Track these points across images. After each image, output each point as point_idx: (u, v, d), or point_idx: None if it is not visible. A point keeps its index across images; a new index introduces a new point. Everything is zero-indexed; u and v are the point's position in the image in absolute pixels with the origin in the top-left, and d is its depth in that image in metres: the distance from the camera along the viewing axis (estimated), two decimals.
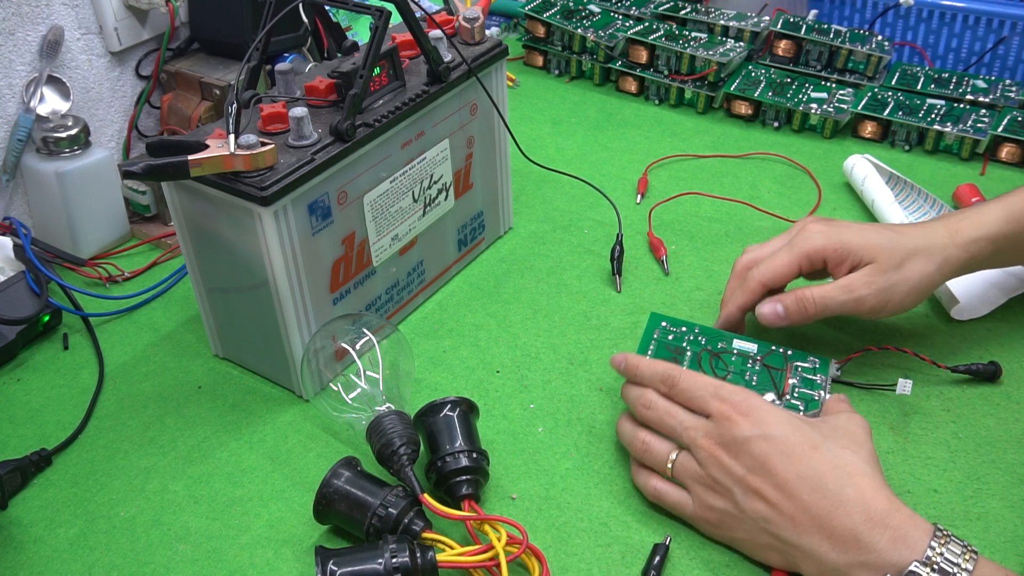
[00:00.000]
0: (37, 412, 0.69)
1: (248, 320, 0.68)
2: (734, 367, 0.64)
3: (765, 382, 0.63)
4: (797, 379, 0.63)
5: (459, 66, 0.73)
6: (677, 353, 0.64)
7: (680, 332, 0.66)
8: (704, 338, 0.66)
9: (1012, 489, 0.59)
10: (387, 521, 0.55)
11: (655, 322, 0.67)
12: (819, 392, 0.62)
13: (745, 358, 0.64)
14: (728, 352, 0.65)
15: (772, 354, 0.64)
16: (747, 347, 0.65)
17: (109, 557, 0.58)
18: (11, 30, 0.80)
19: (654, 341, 0.66)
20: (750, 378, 0.63)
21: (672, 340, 0.65)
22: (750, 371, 0.64)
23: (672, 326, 0.67)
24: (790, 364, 0.64)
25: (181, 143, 0.61)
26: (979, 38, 1.07)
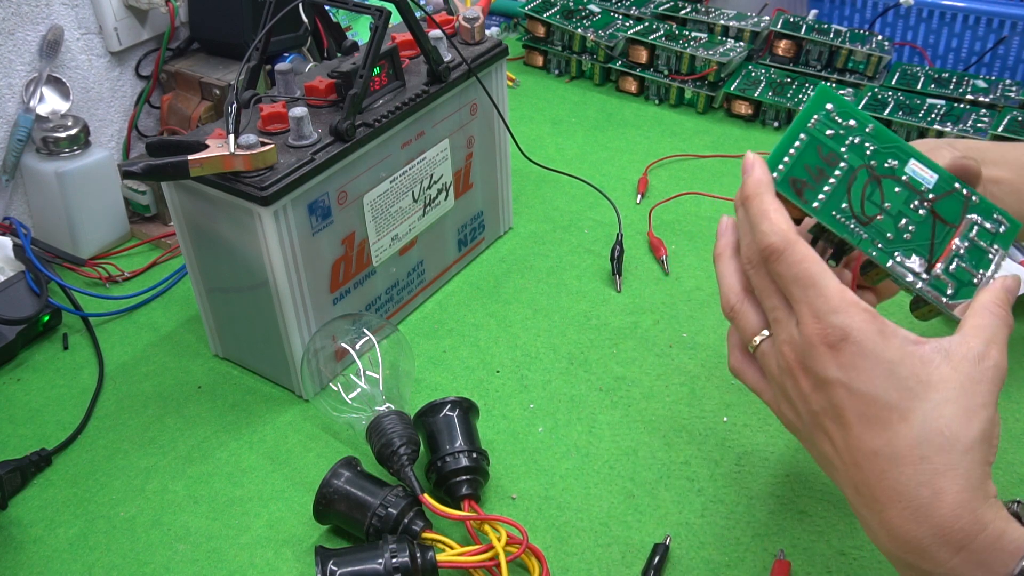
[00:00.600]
0: (37, 412, 0.69)
1: (248, 320, 0.68)
2: (891, 204, 0.47)
3: (923, 236, 0.47)
4: (966, 243, 0.48)
5: (459, 66, 0.73)
6: (828, 162, 0.47)
7: (846, 129, 0.48)
8: (872, 146, 0.48)
9: (1012, 489, 0.59)
10: (387, 521, 0.55)
11: (819, 103, 0.48)
12: (982, 273, 0.47)
13: (912, 194, 0.47)
14: (894, 178, 0.48)
15: (950, 196, 0.48)
16: (923, 176, 0.48)
17: (109, 557, 0.58)
18: (11, 30, 0.80)
19: (805, 134, 0.47)
20: (906, 225, 0.47)
21: (830, 139, 0.47)
22: (910, 216, 0.47)
23: (839, 116, 0.48)
24: (967, 218, 0.48)
25: (181, 143, 0.61)
26: (979, 38, 1.07)
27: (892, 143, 0.48)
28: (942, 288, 0.47)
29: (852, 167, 0.47)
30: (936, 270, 0.47)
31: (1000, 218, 0.48)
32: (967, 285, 0.47)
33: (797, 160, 0.47)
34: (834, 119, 0.48)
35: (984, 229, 0.48)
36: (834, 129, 0.48)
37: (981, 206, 0.48)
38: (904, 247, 0.47)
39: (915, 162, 0.48)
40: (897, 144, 0.48)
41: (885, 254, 0.46)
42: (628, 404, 0.67)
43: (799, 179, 0.46)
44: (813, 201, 0.46)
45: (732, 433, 0.64)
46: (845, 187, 0.47)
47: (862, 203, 0.47)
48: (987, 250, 0.48)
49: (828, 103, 0.48)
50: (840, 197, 0.47)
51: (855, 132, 0.48)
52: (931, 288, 0.47)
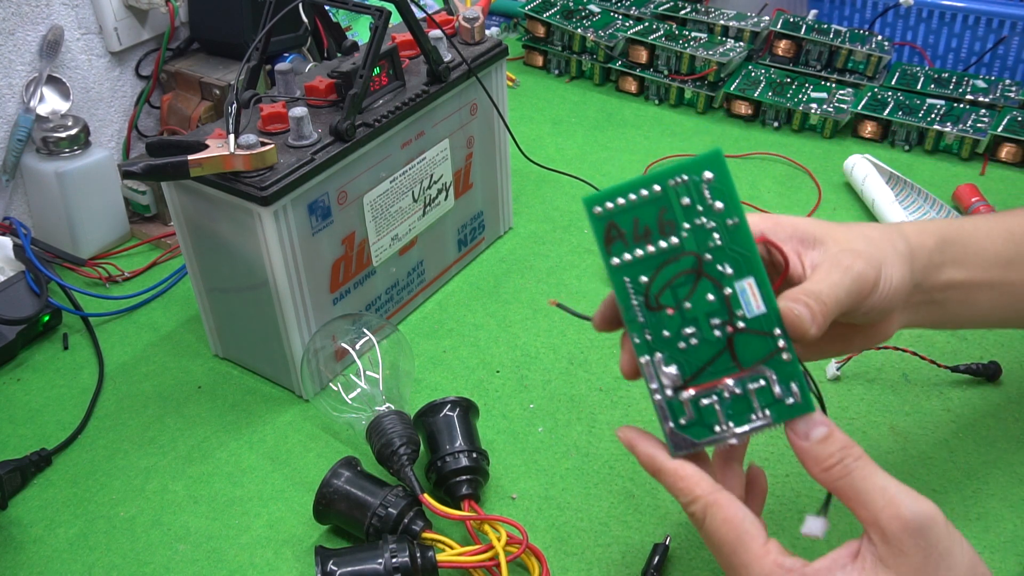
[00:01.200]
0: (37, 412, 0.69)
1: (248, 320, 0.68)
2: (692, 307, 0.42)
3: (699, 355, 0.42)
4: (739, 390, 0.42)
5: (459, 66, 0.73)
6: (661, 229, 0.41)
7: (705, 207, 0.41)
8: (720, 242, 0.41)
9: (1012, 489, 0.59)
10: (387, 521, 0.55)
11: (701, 165, 0.41)
12: (729, 427, 0.42)
13: (722, 311, 0.41)
14: (716, 285, 0.42)
15: (761, 337, 0.41)
16: (749, 302, 0.41)
17: (109, 557, 0.58)
18: (11, 30, 0.80)
19: (660, 187, 0.41)
20: (690, 336, 0.42)
21: (682, 208, 0.41)
22: (702, 330, 0.42)
23: (709, 190, 0.41)
24: (761, 369, 0.42)
25: (181, 143, 0.61)
26: (979, 38, 1.07)
27: (745, 250, 0.41)
28: (675, 413, 0.42)
29: (682, 249, 0.41)
30: (684, 394, 0.42)
31: (797, 392, 0.41)
32: (702, 428, 0.42)
33: (632, 209, 0.41)
34: (702, 190, 0.41)
35: (769, 391, 0.41)
36: (693, 200, 0.41)
37: (787, 367, 0.41)
38: (672, 353, 0.42)
39: (752, 284, 0.41)
40: (749, 254, 0.41)
41: (647, 347, 0.42)
42: (628, 404, 0.67)
43: (619, 228, 0.42)
44: (615, 256, 0.42)
45: None
46: (657, 264, 0.42)
47: (663, 288, 0.42)
48: (755, 410, 0.42)
49: (709, 171, 0.41)
50: (646, 270, 0.42)
51: (713, 216, 0.41)
52: (665, 406, 0.42)
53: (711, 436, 0.42)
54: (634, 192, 0.41)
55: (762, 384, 0.41)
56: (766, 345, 0.41)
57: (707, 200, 0.41)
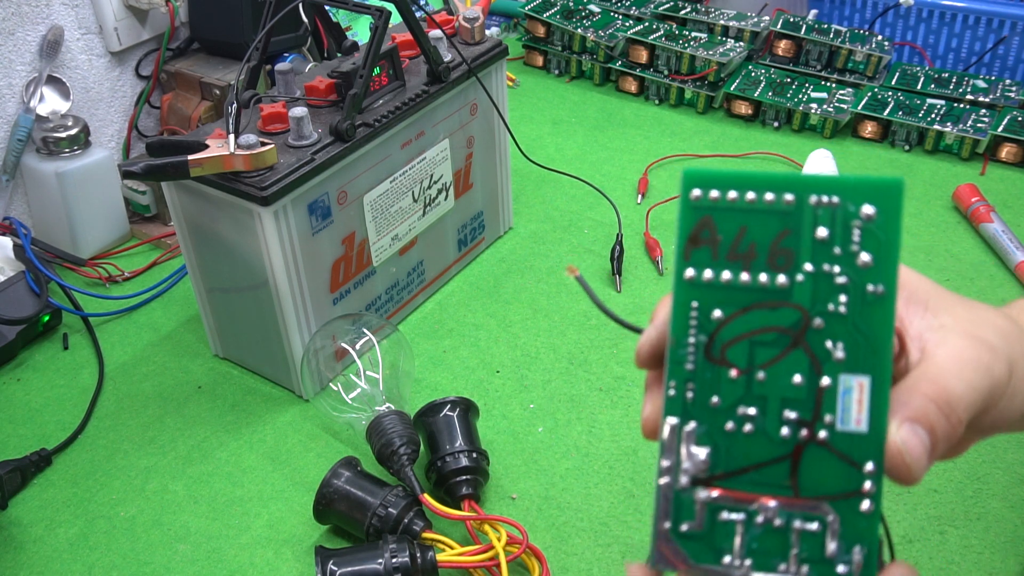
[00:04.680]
0: (37, 412, 0.69)
1: (248, 320, 0.68)
2: (766, 380, 0.29)
3: (752, 448, 0.29)
4: (789, 522, 0.29)
5: (459, 66, 0.73)
6: (773, 258, 0.29)
7: (846, 253, 0.29)
8: (843, 306, 0.29)
9: (1012, 489, 0.59)
10: (387, 521, 0.55)
11: (881, 192, 0.29)
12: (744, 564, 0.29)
13: (804, 404, 0.29)
14: (816, 367, 0.29)
15: (846, 466, 0.29)
16: (847, 410, 0.29)
17: (109, 557, 0.58)
18: (11, 30, 0.80)
19: (794, 197, 0.29)
20: (743, 418, 0.29)
21: (803, 243, 0.29)
22: (766, 418, 0.29)
23: (877, 228, 0.29)
24: (823, 509, 0.29)
25: (181, 143, 0.61)
26: (979, 38, 1.07)
27: (875, 338, 0.29)
28: (680, 512, 0.30)
29: (788, 296, 0.29)
30: (703, 493, 0.29)
31: (858, 564, 0.28)
32: (706, 548, 0.29)
33: (744, 212, 0.30)
34: (851, 228, 0.29)
35: (821, 542, 0.29)
36: (834, 237, 0.29)
37: (860, 521, 0.28)
38: (711, 430, 0.30)
39: (864, 387, 0.29)
40: (879, 345, 0.29)
41: (681, 408, 0.30)
42: (628, 404, 0.67)
43: (714, 230, 0.30)
44: (692, 267, 0.30)
45: None
46: (746, 303, 0.29)
47: (738, 338, 0.30)
48: (788, 560, 0.29)
49: (873, 205, 0.29)
50: (726, 303, 0.30)
51: (852, 271, 0.29)
52: (670, 497, 0.30)
53: (712, 566, 0.29)
54: (756, 189, 0.29)
55: (815, 528, 0.29)
56: (846, 478, 0.28)
57: (853, 245, 0.29)
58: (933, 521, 0.57)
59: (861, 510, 0.28)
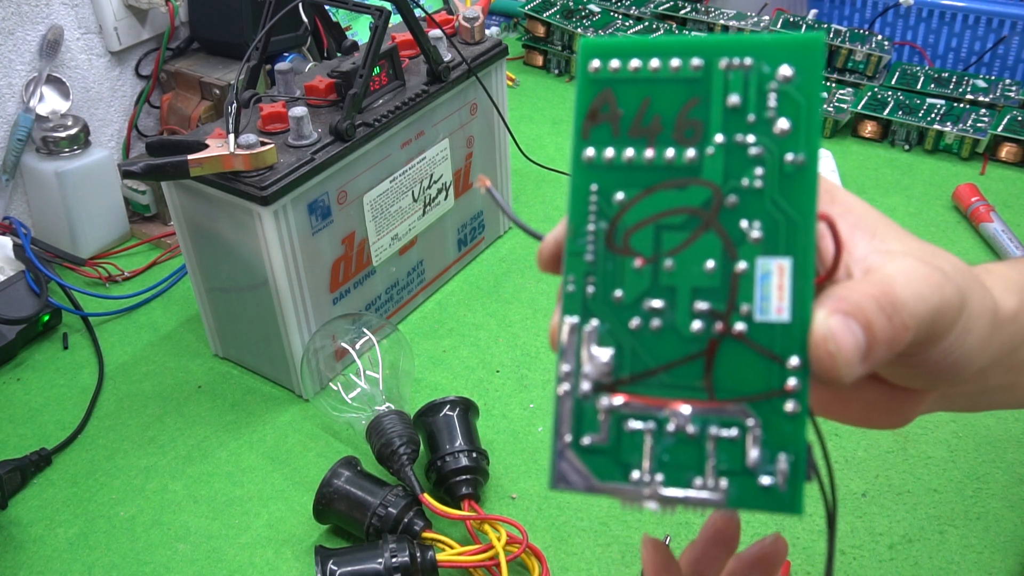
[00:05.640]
0: (37, 412, 0.69)
1: (248, 320, 0.68)
2: (675, 269, 0.26)
3: (665, 348, 0.26)
4: (713, 429, 0.26)
5: (459, 66, 0.73)
6: (680, 127, 0.26)
7: (758, 104, 0.26)
8: (760, 175, 0.26)
9: (1012, 488, 0.59)
10: (387, 521, 0.55)
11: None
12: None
13: (717, 293, 0.26)
14: (729, 248, 0.26)
15: (760, 357, 0.25)
16: (767, 298, 0.25)
17: (109, 557, 0.58)
18: (11, 30, 0.79)
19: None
20: (652, 311, 0.26)
21: (698, 100, 0.26)
22: (677, 311, 0.26)
23: (781, 73, 0.26)
24: (748, 417, 0.25)
25: (181, 143, 0.61)
26: (979, 38, 1.07)
27: (797, 212, 0.25)
28: (581, 423, 0.26)
29: (697, 172, 0.26)
30: (607, 400, 0.26)
31: (784, 473, 0.25)
32: (612, 463, 0.26)
33: (647, 83, 0.27)
34: (766, 92, 0.26)
35: (741, 450, 0.25)
36: (747, 103, 0.26)
37: (785, 424, 0.25)
38: (614, 328, 0.26)
39: (785, 269, 0.25)
40: (802, 219, 0.25)
41: (581, 304, 0.27)
42: None
43: (614, 104, 0.27)
44: (591, 146, 0.27)
45: None
46: (650, 182, 0.26)
47: (642, 223, 0.26)
48: (704, 472, 0.25)
49: (791, 64, 0.26)
50: (628, 184, 0.27)
51: (768, 139, 0.26)
52: (570, 406, 0.26)
53: (618, 483, 0.26)
54: (660, 56, 0.26)
55: (734, 435, 0.25)
56: (767, 375, 0.25)
57: (769, 111, 0.26)
58: (933, 521, 0.57)
59: (785, 411, 0.25)
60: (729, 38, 0.26)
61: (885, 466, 0.61)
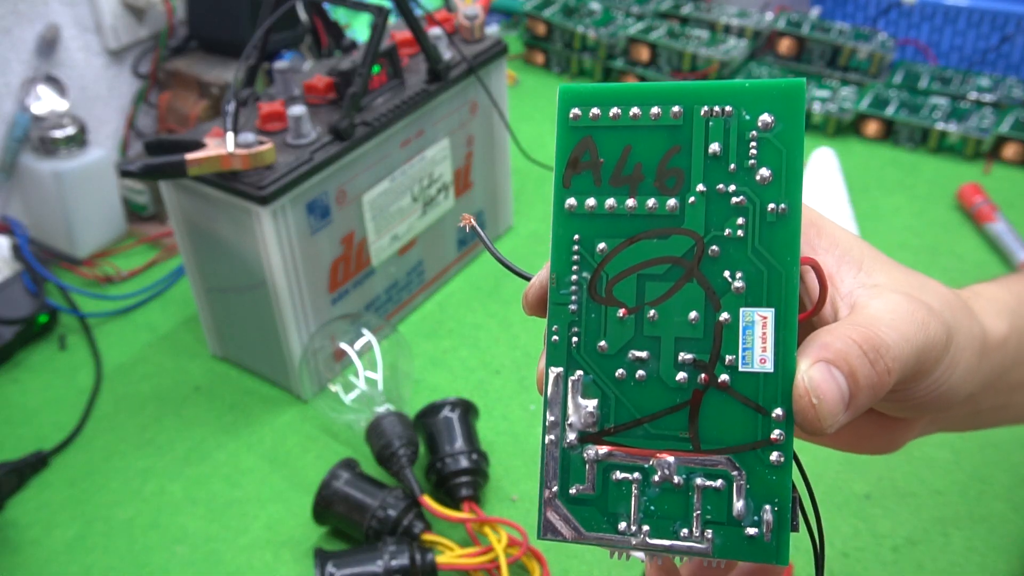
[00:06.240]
0: (34, 413, 0.69)
1: (246, 320, 0.67)
2: (658, 320, 0.27)
3: (649, 397, 0.27)
4: (697, 480, 0.26)
5: (459, 64, 0.72)
6: (661, 173, 0.27)
7: (738, 168, 0.26)
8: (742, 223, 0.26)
9: (1016, 490, 0.59)
10: (386, 523, 0.55)
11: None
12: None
13: (699, 346, 0.26)
14: (710, 296, 0.26)
15: (745, 408, 0.26)
16: (751, 350, 0.26)
17: (107, 559, 0.58)
18: (8, 28, 0.79)
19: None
20: (636, 363, 0.27)
21: (673, 153, 0.27)
22: (662, 366, 0.27)
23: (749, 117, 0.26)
24: (733, 471, 0.26)
25: (179, 142, 0.60)
26: (983, 36, 1.06)
27: (779, 263, 0.26)
28: (569, 474, 0.27)
29: (679, 222, 0.26)
30: (592, 450, 0.27)
31: (769, 524, 0.25)
32: (598, 514, 0.27)
33: (628, 131, 0.27)
34: (747, 140, 0.26)
35: (726, 501, 0.26)
36: (728, 151, 0.26)
37: (769, 475, 0.25)
38: (599, 378, 0.27)
39: (768, 321, 0.26)
40: (784, 271, 0.26)
41: (564, 355, 0.28)
42: None
43: (595, 152, 0.27)
44: (572, 196, 0.28)
45: None
46: (632, 231, 0.27)
47: (624, 273, 0.27)
48: (691, 523, 0.26)
49: (771, 113, 0.26)
50: (610, 233, 0.27)
51: (750, 188, 0.26)
52: (556, 457, 0.28)
53: (605, 533, 0.26)
54: (640, 104, 0.27)
55: (719, 486, 0.25)
56: (752, 426, 0.25)
57: (750, 160, 0.26)
58: (936, 523, 0.57)
59: (771, 462, 0.25)
60: (709, 85, 0.27)
61: (889, 468, 0.60)
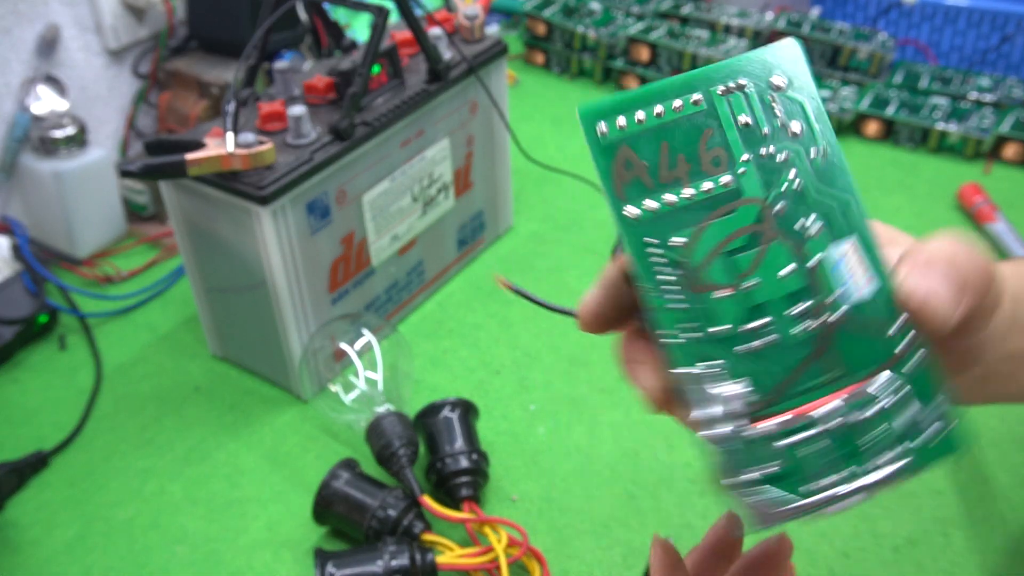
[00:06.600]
0: (34, 413, 0.69)
1: (246, 320, 0.67)
2: (760, 284, 0.27)
3: (778, 360, 0.27)
4: (854, 416, 0.27)
5: (459, 64, 0.72)
6: (705, 157, 0.28)
7: (775, 129, 0.28)
8: (800, 183, 0.28)
9: (1017, 491, 0.59)
10: (386, 523, 0.55)
11: (757, 61, 0.28)
12: (822, 484, 0.27)
13: (803, 290, 0.27)
14: (798, 250, 0.27)
15: (873, 331, 0.27)
16: (849, 277, 0.27)
17: (107, 559, 0.58)
18: (8, 28, 0.79)
19: (699, 95, 0.28)
20: (759, 330, 0.27)
21: (734, 126, 0.28)
22: (778, 321, 0.27)
23: (790, 89, 0.28)
24: (882, 377, 0.27)
25: (179, 142, 0.60)
26: (983, 36, 1.06)
27: (841, 192, 0.27)
28: (756, 455, 0.27)
29: (738, 194, 0.28)
30: (756, 428, 0.27)
31: (943, 416, 0.27)
32: (797, 479, 0.27)
33: (658, 131, 0.28)
34: (769, 104, 0.28)
35: (896, 415, 0.27)
36: (756, 118, 0.28)
37: (928, 371, 0.27)
38: (733, 360, 0.27)
39: (853, 247, 0.27)
40: (847, 197, 0.27)
41: (693, 351, 0.27)
42: (630, 405, 0.67)
43: (636, 160, 0.28)
44: (631, 204, 0.28)
45: None
46: (700, 217, 0.27)
47: (710, 256, 0.27)
48: (886, 446, 0.27)
49: (781, 73, 0.28)
50: (681, 225, 0.28)
51: (788, 143, 0.28)
52: (737, 446, 0.27)
53: (814, 496, 0.27)
54: (661, 102, 0.28)
55: (883, 405, 0.27)
56: (882, 344, 0.27)
57: (779, 120, 0.28)
58: (937, 523, 0.57)
59: (913, 368, 0.27)
60: (716, 67, 0.28)
61: None
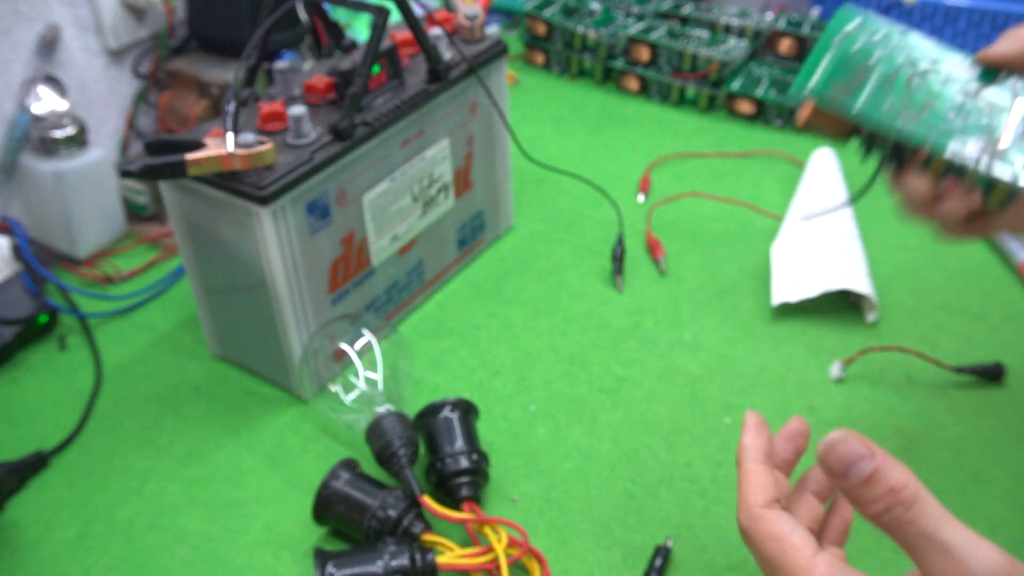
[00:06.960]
0: (34, 413, 0.69)
1: (246, 320, 0.67)
2: (937, 96, 0.49)
3: (976, 118, 0.48)
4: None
5: (459, 64, 0.72)
6: (861, 72, 0.51)
7: (870, 41, 0.51)
8: (903, 55, 0.51)
9: (1016, 490, 0.59)
10: (386, 523, 0.55)
11: (840, 23, 0.52)
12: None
13: (953, 83, 0.49)
14: (935, 74, 0.50)
15: (996, 83, 0.50)
16: (959, 74, 0.50)
17: (106, 559, 0.58)
18: (8, 28, 0.79)
19: (833, 48, 0.52)
20: (956, 118, 0.48)
21: (858, 51, 0.51)
22: (959, 109, 0.49)
23: (862, 32, 0.52)
24: (1019, 100, 0.49)
25: (179, 142, 0.60)
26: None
27: (927, 47, 0.51)
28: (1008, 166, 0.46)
29: (887, 71, 0.50)
30: (1001, 145, 0.47)
31: None
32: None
33: (830, 76, 0.50)
34: (858, 34, 0.51)
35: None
36: (861, 42, 0.51)
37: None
38: (959, 133, 0.47)
39: (956, 62, 0.50)
40: (934, 49, 0.51)
41: (941, 141, 0.47)
42: (629, 405, 0.67)
43: (840, 87, 0.49)
44: (852, 106, 0.49)
45: (734, 434, 0.64)
46: (883, 89, 0.49)
47: (905, 99, 0.49)
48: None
49: (848, 24, 0.51)
50: (880, 99, 0.49)
51: (880, 46, 0.51)
52: (1002, 164, 0.46)
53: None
54: (819, 67, 0.50)
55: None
56: (1007, 90, 0.49)
57: (874, 38, 0.51)
58: None
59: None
60: (829, 33, 0.53)
61: None
